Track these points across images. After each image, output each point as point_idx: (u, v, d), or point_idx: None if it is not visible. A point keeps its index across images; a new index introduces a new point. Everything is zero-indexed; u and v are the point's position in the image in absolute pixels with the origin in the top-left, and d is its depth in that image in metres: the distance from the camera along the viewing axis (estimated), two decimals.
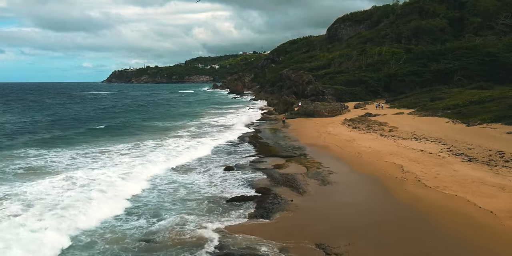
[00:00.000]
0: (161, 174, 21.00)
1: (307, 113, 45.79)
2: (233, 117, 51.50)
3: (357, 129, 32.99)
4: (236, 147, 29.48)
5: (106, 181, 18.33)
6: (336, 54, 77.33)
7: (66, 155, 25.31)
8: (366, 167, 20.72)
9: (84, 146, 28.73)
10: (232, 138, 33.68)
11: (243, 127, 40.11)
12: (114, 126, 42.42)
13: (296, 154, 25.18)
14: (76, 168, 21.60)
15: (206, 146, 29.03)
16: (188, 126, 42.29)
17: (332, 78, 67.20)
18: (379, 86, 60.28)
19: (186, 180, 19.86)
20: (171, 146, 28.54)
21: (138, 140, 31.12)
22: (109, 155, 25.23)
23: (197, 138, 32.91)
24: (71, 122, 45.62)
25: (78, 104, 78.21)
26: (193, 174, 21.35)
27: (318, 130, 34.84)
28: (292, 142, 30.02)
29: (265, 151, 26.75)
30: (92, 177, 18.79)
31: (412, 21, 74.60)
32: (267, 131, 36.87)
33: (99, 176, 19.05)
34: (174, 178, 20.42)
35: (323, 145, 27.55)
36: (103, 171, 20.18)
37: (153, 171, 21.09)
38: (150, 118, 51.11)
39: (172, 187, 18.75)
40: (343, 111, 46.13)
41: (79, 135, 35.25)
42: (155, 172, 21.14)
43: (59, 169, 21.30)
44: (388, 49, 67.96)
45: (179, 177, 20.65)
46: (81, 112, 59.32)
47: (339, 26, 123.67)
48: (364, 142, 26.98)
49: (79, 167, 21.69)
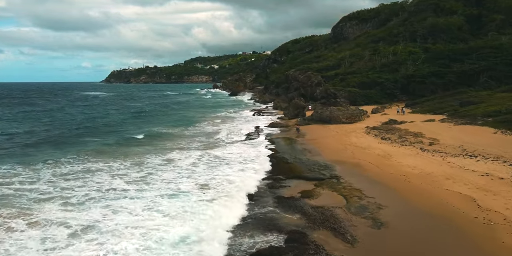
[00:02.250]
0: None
1: (322, 119, 41.07)
2: (239, 123, 46.88)
3: (388, 140, 28.27)
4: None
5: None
6: (345, 54, 72.51)
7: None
8: (423, 198, 16.04)
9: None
10: (241, 151, 29.01)
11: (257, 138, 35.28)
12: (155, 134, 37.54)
13: (325, 176, 20.46)
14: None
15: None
16: (196, 134, 37.64)
17: (343, 79, 62.44)
18: (396, 88, 55.53)
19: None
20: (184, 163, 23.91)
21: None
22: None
23: (208, 149, 28.69)
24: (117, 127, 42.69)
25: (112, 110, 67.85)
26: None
27: (340, 141, 30.14)
28: (315, 157, 25.30)
29: (285, 171, 22.06)
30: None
31: (428, 18, 69.84)
32: (281, 142, 32.10)
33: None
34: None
35: (355, 163, 22.85)
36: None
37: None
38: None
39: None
40: (362, 117, 41.41)
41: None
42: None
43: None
44: (403, 48, 63.17)
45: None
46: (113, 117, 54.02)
47: (344, 24, 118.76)
48: (404, 159, 22.28)
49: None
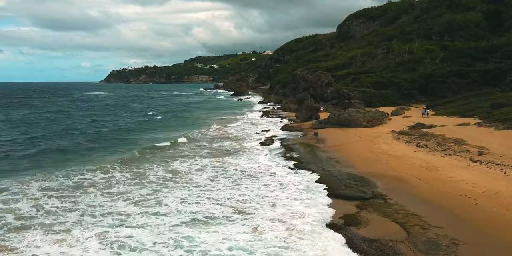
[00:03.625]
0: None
1: (341, 122, 37.74)
2: (248, 126, 43.59)
3: (425, 148, 24.90)
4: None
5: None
6: (357, 52, 69.18)
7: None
8: (505, 231, 12.69)
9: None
10: (259, 159, 25.74)
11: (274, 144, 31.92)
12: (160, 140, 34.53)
13: (367, 195, 17.14)
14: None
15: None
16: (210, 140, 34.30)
17: (356, 79, 59.14)
18: (413, 88, 52.22)
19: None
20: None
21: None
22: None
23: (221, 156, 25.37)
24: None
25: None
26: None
27: (369, 148, 26.80)
28: (346, 168, 21.96)
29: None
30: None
31: (443, 15, 66.54)
32: (301, 149, 28.77)
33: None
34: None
35: (396, 177, 19.52)
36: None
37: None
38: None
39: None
40: (384, 120, 38.09)
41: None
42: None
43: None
44: (419, 46, 59.84)
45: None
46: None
47: (351, 23, 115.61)
48: (456, 173, 18.95)
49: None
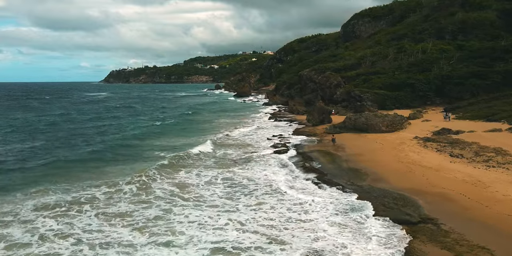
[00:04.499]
0: None
1: (357, 127, 35.30)
2: (256, 130, 41.19)
3: (461, 158, 22.45)
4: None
5: None
6: (366, 52, 66.70)
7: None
8: None
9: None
10: (276, 170, 23.28)
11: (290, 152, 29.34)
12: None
13: (414, 218, 14.65)
14: None
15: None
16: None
17: (366, 80, 56.64)
18: (429, 90, 49.76)
19: None
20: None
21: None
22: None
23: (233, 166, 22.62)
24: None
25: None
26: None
27: (396, 157, 24.34)
28: (378, 183, 19.49)
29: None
30: None
31: (457, 14, 64.10)
32: (320, 158, 26.31)
33: None
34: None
35: (439, 194, 17.08)
36: None
37: None
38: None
39: None
40: (404, 124, 35.66)
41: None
42: None
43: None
44: (433, 45, 57.36)
45: None
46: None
47: (356, 22, 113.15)
48: (510, 191, 16.51)
49: None
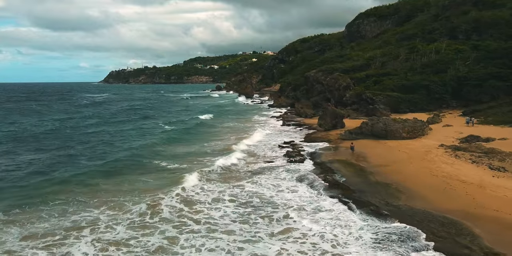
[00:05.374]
0: None
1: (375, 133, 32.80)
2: (264, 135, 38.73)
3: (503, 172, 19.96)
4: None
5: None
6: (376, 53, 64.20)
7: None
8: None
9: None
10: (294, 185, 20.80)
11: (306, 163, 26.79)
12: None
13: (475, 253, 12.13)
14: None
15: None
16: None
17: (377, 81, 54.15)
18: (445, 92, 47.30)
19: None
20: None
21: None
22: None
23: (246, 178, 20.10)
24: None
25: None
26: None
27: (427, 169, 21.85)
28: (416, 202, 17.00)
29: None
30: None
31: (470, 12, 61.62)
32: (342, 169, 23.81)
33: None
34: None
35: (496, 219, 14.67)
36: None
37: None
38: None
39: None
40: (425, 130, 33.16)
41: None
42: None
43: None
44: (447, 45, 54.86)
45: None
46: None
47: (361, 22, 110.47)
48: None
49: None
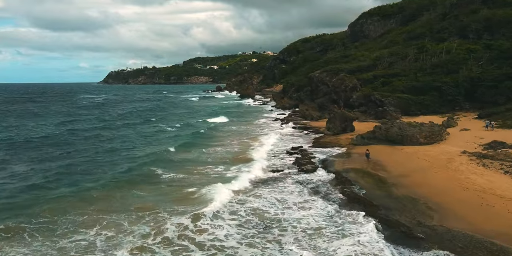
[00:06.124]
0: None
1: (390, 138, 30.70)
2: (269, 140, 36.59)
3: None
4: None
5: None
6: (383, 52, 62.15)
7: None
8: None
9: None
10: (308, 198, 18.70)
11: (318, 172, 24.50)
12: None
13: None
14: None
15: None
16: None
17: (386, 82, 52.10)
18: (458, 94, 45.23)
19: None
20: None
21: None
22: None
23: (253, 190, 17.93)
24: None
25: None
26: None
27: (456, 180, 19.77)
28: (450, 221, 14.90)
29: None
30: None
31: (480, 11, 59.61)
32: (359, 180, 21.68)
33: None
34: None
35: None
36: None
37: None
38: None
39: None
40: (443, 135, 31.06)
41: None
42: None
43: None
44: (458, 45, 52.78)
45: None
46: None
47: (365, 21, 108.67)
48: None
49: None
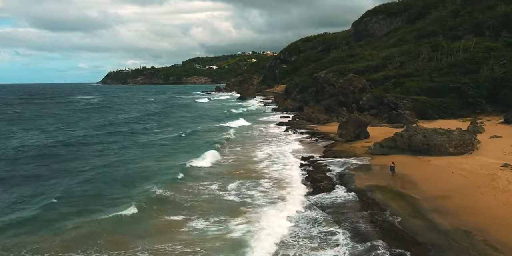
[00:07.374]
0: None
1: (414, 147, 26.99)
2: (276, 149, 32.91)
3: None
4: None
5: None
6: (393, 51, 58.45)
7: None
8: None
9: None
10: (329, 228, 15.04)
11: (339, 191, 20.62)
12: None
13: None
14: None
15: None
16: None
17: (398, 83, 48.40)
18: (479, 95, 41.57)
19: None
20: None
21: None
22: None
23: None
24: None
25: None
26: None
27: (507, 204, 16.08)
28: None
29: None
30: None
31: (498, 7, 55.99)
32: (387, 201, 17.96)
33: None
34: None
35: None
36: None
37: None
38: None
39: None
40: (475, 144, 27.34)
41: None
42: None
43: None
44: (476, 43, 49.09)
45: None
46: None
47: (369, 19, 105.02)
48: None
49: None
